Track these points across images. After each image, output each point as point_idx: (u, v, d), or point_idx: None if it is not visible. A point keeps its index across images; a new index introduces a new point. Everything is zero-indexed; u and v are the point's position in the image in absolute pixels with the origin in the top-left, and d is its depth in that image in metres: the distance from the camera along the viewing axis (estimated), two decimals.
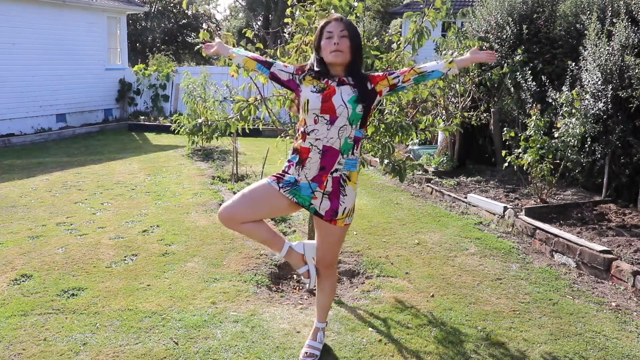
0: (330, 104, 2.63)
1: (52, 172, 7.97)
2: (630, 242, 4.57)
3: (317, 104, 2.65)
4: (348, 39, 2.67)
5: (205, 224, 5.37)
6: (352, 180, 2.76)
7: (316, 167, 2.70)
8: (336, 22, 2.70)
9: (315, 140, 2.67)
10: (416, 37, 3.52)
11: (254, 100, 3.77)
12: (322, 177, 2.70)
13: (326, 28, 2.70)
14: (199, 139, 9.48)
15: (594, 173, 6.09)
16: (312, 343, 3.04)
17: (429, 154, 8.21)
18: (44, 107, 11.96)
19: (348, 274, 4.32)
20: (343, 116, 2.64)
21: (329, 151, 2.67)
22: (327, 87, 2.68)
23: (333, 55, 2.66)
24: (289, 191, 2.73)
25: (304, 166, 2.72)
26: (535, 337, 3.29)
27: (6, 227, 5.24)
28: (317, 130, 2.66)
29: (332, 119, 2.65)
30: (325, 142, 2.66)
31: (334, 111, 2.64)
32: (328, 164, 2.69)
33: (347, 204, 2.76)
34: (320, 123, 2.66)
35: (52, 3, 11.81)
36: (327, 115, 2.65)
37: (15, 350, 3.04)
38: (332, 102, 2.64)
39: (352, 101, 2.65)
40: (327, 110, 2.64)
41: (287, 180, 2.75)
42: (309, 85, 2.72)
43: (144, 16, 29.38)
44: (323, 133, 2.66)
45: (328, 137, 2.66)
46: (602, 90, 5.67)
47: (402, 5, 19.49)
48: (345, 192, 2.75)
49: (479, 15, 7.91)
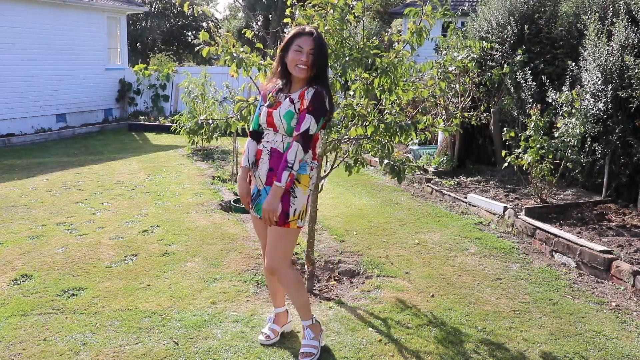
0: (270, 119, 2.88)
1: (52, 172, 7.98)
2: (630, 242, 4.57)
3: (264, 119, 2.91)
4: (315, 57, 2.79)
5: (205, 224, 5.37)
6: (303, 182, 2.86)
7: (265, 167, 2.89)
8: (308, 37, 2.81)
9: (266, 143, 2.92)
10: (415, 37, 3.51)
11: (254, 100, 3.77)
12: (272, 179, 2.82)
13: (297, 41, 2.81)
14: (199, 139, 9.49)
15: (594, 173, 6.09)
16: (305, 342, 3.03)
17: (429, 154, 8.20)
18: (44, 107, 11.96)
19: (348, 274, 4.32)
20: (281, 129, 2.86)
21: (275, 153, 2.87)
22: (274, 100, 2.89)
23: (297, 70, 2.81)
24: (254, 208, 2.97)
25: (257, 167, 2.93)
26: (535, 337, 3.29)
27: (6, 227, 5.24)
28: (268, 134, 2.92)
29: (274, 131, 2.90)
30: (273, 144, 2.89)
31: (273, 124, 2.88)
32: (275, 165, 2.85)
33: (297, 205, 2.86)
34: (269, 130, 2.92)
35: (52, 3, 11.81)
36: (271, 129, 2.90)
37: (15, 350, 3.04)
38: (273, 117, 2.86)
39: (286, 116, 2.82)
40: (270, 124, 2.89)
41: (252, 195, 2.98)
42: (267, 100, 2.92)
43: (144, 16, 29.40)
44: (271, 136, 2.91)
45: (274, 139, 2.89)
46: (602, 90, 5.67)
47: (402, 5, 19.48)
48: (295, 194, 2.85)
49: (480, 15, 7.91)
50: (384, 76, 3.56)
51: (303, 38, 2.81)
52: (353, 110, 3.75)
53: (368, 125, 3.66)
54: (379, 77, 3.58)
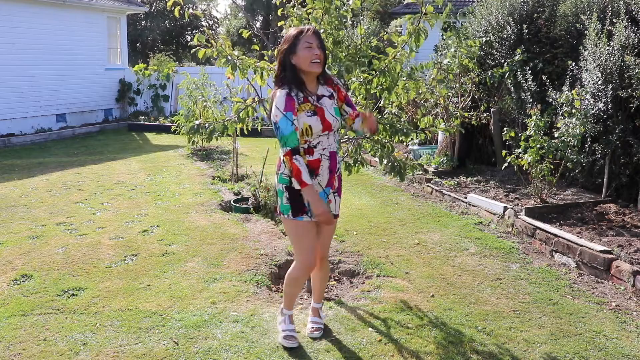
0: (327, 123, 2.91)
1: (52, 172, 7.98)
2: (630, 242, 4.57)
3: (319, 127, 2.89)
4: (322, 51, 2.89)
5: (205, 224, 5.37)
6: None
7: (327, 172, 2.98)
8: (314, 34, 2.88)
9: (323, 150, 2.95)
10: (413, 38, 3.51)
11: (252, 101, 3.77)
12: (332, 179, 3.02)
13: (304, 38, 2.84)
14: (199, 139, 9.46)
15: (594, 173, 6.09)
16: (316, 319, 3.30)
17: (429, 154, 8.20)
18: (44, 107, 11.96)
19: (348, 274, 4.32)
20: (335, 126, 2.98)
21: (332, 155, 2.99)
22: (315, 107, 2.90)
23: (314, 65, 2.85)
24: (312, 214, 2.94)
25: (317, 175, 2.96)
26: (535, 337, 3.29)
27: (6, 227, 5.24)
28: (321, 141, 2.94)
29: (329, 133, 2.96)
30: (330, 148, 2.98)
31: (331, 126, 2.94)
32: (334, 166, 3.01)
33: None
34: (322, 136, 2.94)
35: (52, 3, 11.80)
36: (327, 132, 2.94)
37: (15, 350, 3.04)
38: (328, 120, 2.91)
39: (336, 112, 2.98)
40: (327, 128, 2.92)
41: (308, 203, 2.91)
42: (302, 112, 2.86)
43: (144, 16, 29.40)
44: (326, 142, 2.96)
45: (329, 143, 2.97)
46: (602, 90, 5.67)
47: (402, 5, 19.47)
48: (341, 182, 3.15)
49: (479, 15, 7.91)
50: (382, 76, 3.57)
51: (310, 35, 2.85)
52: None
53: None
54: (377, 77, 3.58)
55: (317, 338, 3.20)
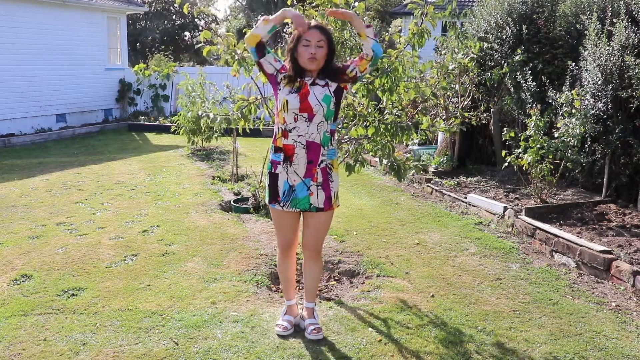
0: (307, 104, 2.93)
1: (52, 172, 7.97)
2: (630, 242, 4.57)
3: (295, 104, 2.93)
4: (324, 48, 2.92)
5: (205, 224, 5.37)
6: (335, 166, 3.13)
7: (304, 161, 2.99)
8: (315, 30, 2.93)
9: (298, 137, 2.97)
10: (416, 38, 3.52)
11: (254, 99, 3.77)
12: (312, 170, 3.01)
13: (304, 36, 2.92)
14: (199, 139, 9.48)
15: (594, 173, 6.09)
16: (313, 320, 3.26)
17: (429, 154, 8.20)
18: (44, 107, 11.95)
19: (348, 274, 4.32)
20: (319, 114, 2.95)
21: (312, 145, 2.98)
22: (302, 86, 2.95)
23: (309, 63, 2.92)
24: (289, 204, 3.05)
25: (292, 162, 3.00)
26: (535, 337, 3.29)
27: (6, 227, 5.24)
28: (298, 127, 2.97)
29: (310, 117, 2.95)
30: (307, 137, 2.97)
31: (312, 110, 2.94)
32: (314, 157, 2.99)
33: (335, 188, 3.11)
34: (299, 121, 2.96)
35: (52, 3, 11.80)
36: (306, 114, 2.95)
37: (15, 350, 3.04)
38: (309, 101, 2.93)
39: (325, 100, 2.95)
40: (305, 109, 2.94)
41: (284, 192, 3.04)
42: (287, 87, 2.97)
43: (143, 16, 29.40)
44: (303, 129, 2.96)
45: (309, 132, 2.97)
46: (602, 90, 5.67)
47: (402, 5, 19.48)
48: (332, 178, 3.09)
49: (478, 15, 7.91)
50: (384, 77, 3.57)
51: (310, 32, 2.92)
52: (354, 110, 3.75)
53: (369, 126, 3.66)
54: (379, 77, 3.58)
55: (318, 340, 3.17)
